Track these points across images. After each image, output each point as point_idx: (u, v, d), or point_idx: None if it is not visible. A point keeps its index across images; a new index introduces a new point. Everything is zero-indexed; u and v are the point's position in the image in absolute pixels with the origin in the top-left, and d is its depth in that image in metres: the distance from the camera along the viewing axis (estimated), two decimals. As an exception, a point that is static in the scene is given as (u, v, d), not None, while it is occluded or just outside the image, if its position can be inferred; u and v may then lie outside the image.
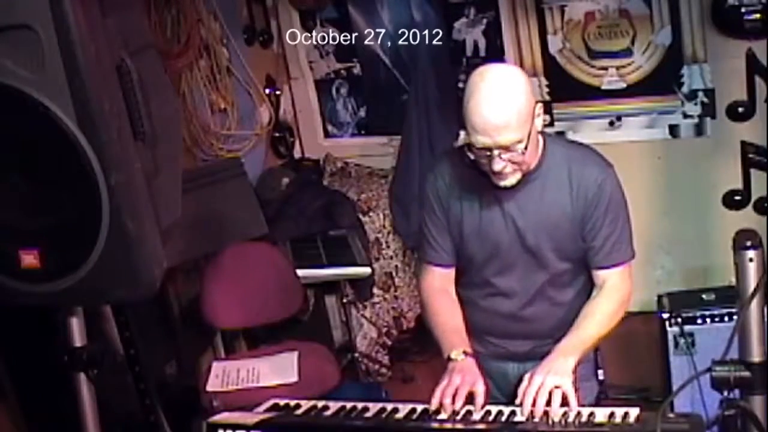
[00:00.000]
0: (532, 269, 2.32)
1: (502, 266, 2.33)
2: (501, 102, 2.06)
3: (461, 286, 2.44)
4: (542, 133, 2.26)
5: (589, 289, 2.35)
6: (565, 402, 2.02)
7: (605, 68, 4.21)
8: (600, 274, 2.30)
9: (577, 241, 2.29)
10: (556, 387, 2.03)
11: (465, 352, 2.22)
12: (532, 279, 2.33)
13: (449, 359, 2.22)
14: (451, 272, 2.43)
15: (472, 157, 2.17)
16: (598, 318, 2.25)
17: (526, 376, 2.10)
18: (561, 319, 2.33)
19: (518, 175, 2.17)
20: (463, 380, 2.12)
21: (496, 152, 2.08)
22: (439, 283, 2.42)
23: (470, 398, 2.10)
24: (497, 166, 2.10)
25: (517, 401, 2.07)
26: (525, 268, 2.32)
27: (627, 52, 4.15)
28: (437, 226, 2.38)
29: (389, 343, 4.42)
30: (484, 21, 4.42)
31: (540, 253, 2.29)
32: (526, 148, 2.10)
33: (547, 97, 4.34)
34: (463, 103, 2.11)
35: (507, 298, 2.36)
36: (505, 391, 2.25)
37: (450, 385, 2.11)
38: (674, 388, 3.41)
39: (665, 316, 3.46)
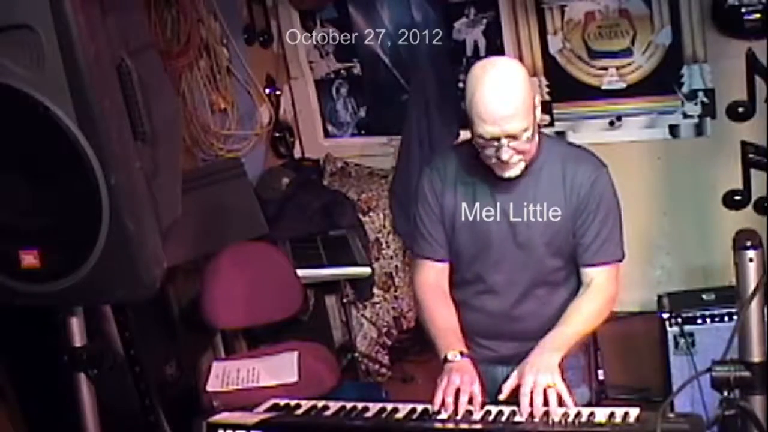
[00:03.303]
0: (522, 265, 2.33)
1: (493, 261, 2.34)
2: (507, 91, 2.11)
3: (452, 287, 2.45)
4: (539, 131, 2.28)
5: None
6: (560, 401, 2.03)
7: (605, 68, 4.21)
8: (587, 272, 2.32)
9: (569, 237, 2.30)
10: (549, 386, 2.04)
11: (461, 353, 2.23)
12: (522, 275, 2.34)
13: (446, 360, 2.22)
14: (445, 267, 2.43)
15: (478, 149, 2.19)
16: (583, 316, 2.27)
17: (513, 375, 2.12)
18: (551, 320, 2.33)
19: (522, 165, 2.20)
20: (462, 380, 2.12)
21: (504, 141, 2.12)
22: (434, 278, 2.43)
23: (469, 399, 2.11)
24: (505, 155, 2.13)
25: (501, 396, 2.09)
26: (515, 264, 2.33)
27: (627, 52, 4.14)
28: (431, 220, 2.39)
29: (389, 343, 4.42)
30: (484, 21, 4.42)
31: (531, 248, 2.30)
32: (531, 136, 2.15)
33: (547, 97, 4.34)
34: (467, 97, 2.15)
35: (496, 295, 2.37)
36: (494, 395, 2.25)
37: (450, 385, 2.11)
38: (674, 388, 3.41)
39: (665, 316, 3.46)
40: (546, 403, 2.02)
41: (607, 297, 2.30)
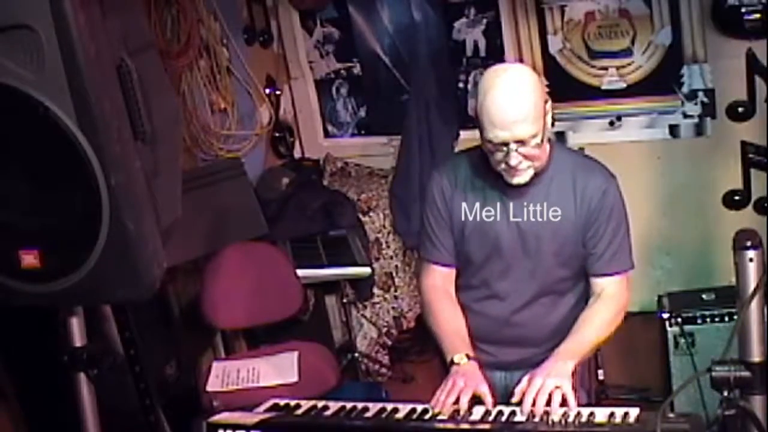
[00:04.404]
0: (530, 273, 2.32)
1: (501, 268, 2.34)
2: (517, 96, 2.12)
3: (456, 290, 2.44)
4: (549, 140, 2.29)
5: (585, 303, 2.35)
6: (564, 403, 2.03)
7: (605, 68, 4.21)
8: (598, 282, 2.32)
9: (578, 247, 2.30)
10: (556, 387, 2.04)
11: (468, 356, 2.23)
12: (528, 283, 2.34)
13: (452, 363, 2.22)
14: (452, 272, 2.43)
15: (488, 155, 2.20)
16: (596, 324, 2.27)
17: (525, 378, 2.11)
18: (553, 328, 2.34)
19: (531, 172, 2.20)
20: (466, 384, 2.12)
21: (513, 146, 2.13)
22: (440, 282, 2.43)
23: (475, 401, 2.11)
24: (513, 160, 2.14)
25: (514, 399, 2.08)
26: (523, 271, 2.33)
27: (627, 52, 4.15)
28: (439, 224, 2.39)
29: (389, 343, 4.42)
30: (484, 21, 4.42)
31: (540, 256, 2.30)
32: (540, 142, 2.15)
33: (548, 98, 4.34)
34: (478, 102, 2.15)
35: (501, 301, 2.37)
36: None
37: (454, 388, 2.11)
38: (674, 388, 3.41)
39: (665, 316, 3.46)
40: (549, 403, 2.03)
41: (619, 306, 2.30)
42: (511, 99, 2.11)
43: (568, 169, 2.29)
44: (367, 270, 4.19)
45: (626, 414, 1.97)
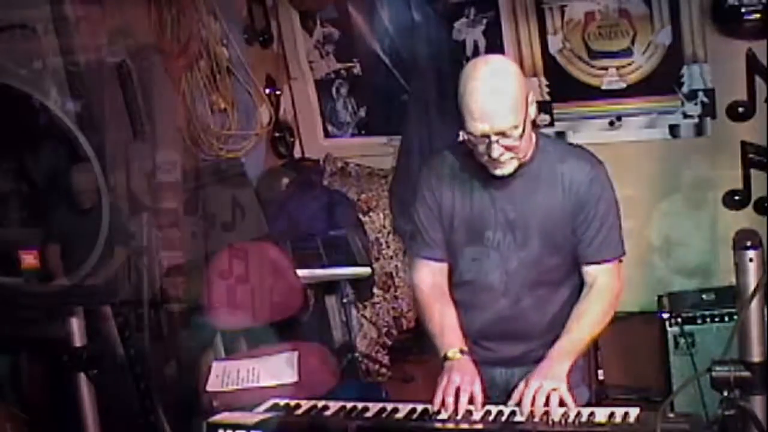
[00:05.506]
0: (521, 263, 2.32)
1: (492, 260, 2.34)
2: (496, 89, 2.12)
3: (451, 287, 2.44)
4: (535, 130, 2.29)
5: (581, 294, 2.34)
6: (561, 405, 2.03)
7: (605, 68, 4.21)
8: (590, 271, 2.31)
9: (568, 236, 2.29)
10: (553, 390, 2.04)
11: (462, 351, 2.23)
12: (521, 274, 2.33)
13: (446, 358, 2.22)
14: (444, 267, 2.43)
15: (471, 147, 2.20)
16: (590, 319, 2.26)
17: (522, 383, 2.11)
18: (552, 319, 2.33)
19: (515, 163, 2.20)
20: (462, 379, 2.12)
21: (494, 138, 2.12)
22: (433, 278, 2.42)
23: (469, 399, 2.11)
24: (495, 152, 2.14)
25: (511, 402, 2.09)
26: (514, 262, 2.32)
27: (627, 52, 4.15)
28: (429, 220, 2.39)
29: (389, 343, 4.42)
30: (484, 21, 4.42)
31: (529, 246, 2.30)
32: (523, 132, 2.15)
33: (547, 97, 4.34)
34: (459, 94, 2.16)
35: (496, 294, 2.36)
36: (492, 397, 2.24)
37: (450, 384, 2.11)
38: (674, 388, 3.41)
39: (665, 316, 3.46)
40: (547, 404, 2.03)
41: (612, 296, 2.29)
42: (490, 91, 2.11)
43: (555, 159, 2.29)
44: (367, 270, 4.19)
45: (626, 414, 1.97)
